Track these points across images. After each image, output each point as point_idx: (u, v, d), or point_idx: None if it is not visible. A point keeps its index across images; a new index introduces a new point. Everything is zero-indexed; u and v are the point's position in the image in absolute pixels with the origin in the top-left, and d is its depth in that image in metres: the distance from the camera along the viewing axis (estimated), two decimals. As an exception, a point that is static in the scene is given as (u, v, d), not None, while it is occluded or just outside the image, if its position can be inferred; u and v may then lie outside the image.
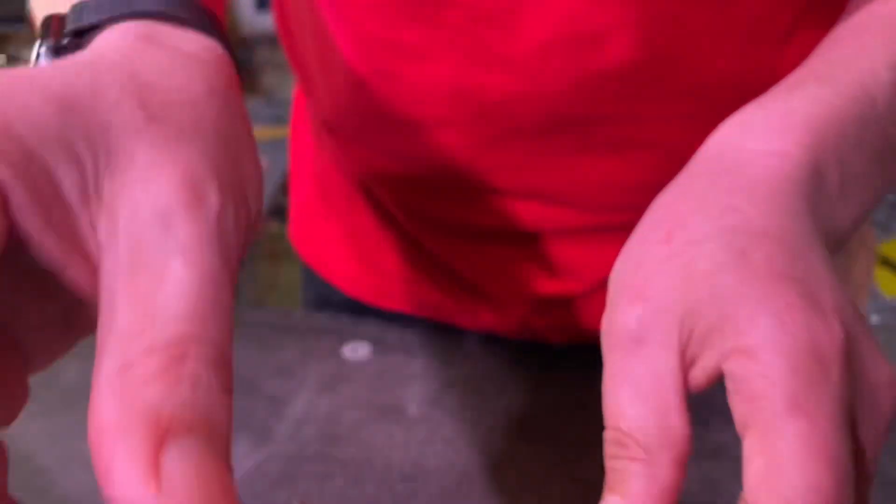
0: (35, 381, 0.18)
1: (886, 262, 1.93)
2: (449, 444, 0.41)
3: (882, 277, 1.93)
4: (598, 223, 0.43)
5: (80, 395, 0.15)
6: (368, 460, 0.40)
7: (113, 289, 0.16)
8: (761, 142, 0.25)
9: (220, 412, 0.14)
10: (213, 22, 0.23)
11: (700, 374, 0.21)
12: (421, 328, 0.50)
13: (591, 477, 0.22)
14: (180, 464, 0.13)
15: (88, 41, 0.21)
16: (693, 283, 0.21)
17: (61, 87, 0.17)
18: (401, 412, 0.43)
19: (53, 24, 0.22)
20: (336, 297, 0.54)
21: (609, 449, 0.22)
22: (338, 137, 0.47)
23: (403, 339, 0.49)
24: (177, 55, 0.20)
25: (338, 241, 0.54)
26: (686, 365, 0.22)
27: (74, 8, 0.22)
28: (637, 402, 0.22)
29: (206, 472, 0.13)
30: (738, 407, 0.20)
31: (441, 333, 0.50)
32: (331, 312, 0.53)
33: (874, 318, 1.96)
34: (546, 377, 0.47)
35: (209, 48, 0.22)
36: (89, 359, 0.16)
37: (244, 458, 0.38)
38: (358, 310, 0.53)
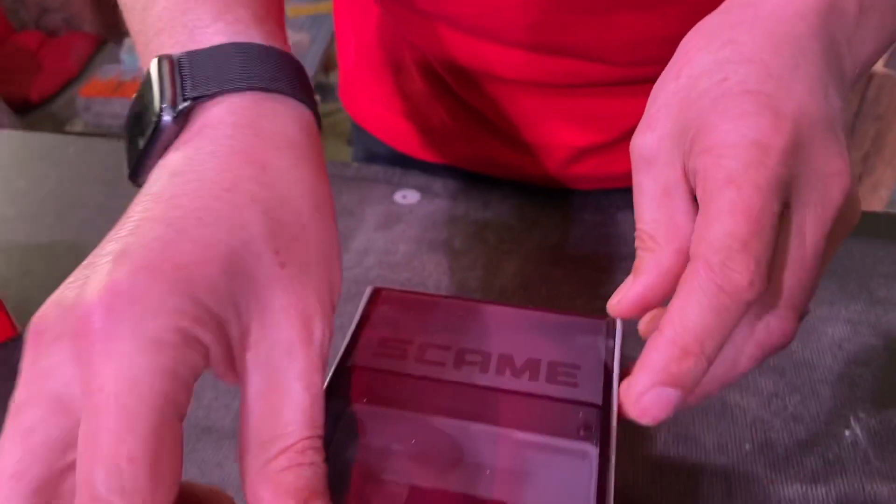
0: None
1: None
2: (487, 271, 0.48)
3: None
4: (627, 76, 0.47)
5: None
6: (422, 283, 0.47)
7: (248, 405, 0.22)
8: None
9: (324, 479, 0.22)
10: (300, 77, 0.27)
11: (693, 178, 0.27)
12: (462, 177, 0.56)
13: (611, 293, 0.28)
14: None
15: (200, 106, 0.25)
16: (686, 110, 0.26)
17: (225, 249, 0.22)
18: (447, 245, 0.50)
19: (169, 72, 0.25)
20: (383, 151, 0.60)
21: (636, 245, 0.28)
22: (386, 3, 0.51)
23: (447, 187, 0.55)
24: (282, 156, 0.25)
25: (384, 101, 0.58)
26: (687, 174, 0.26)
27: (189, 59, 0.26)
28: (651, 207, 0.26)
29: None
30: (697, 192, 0.24)
31: (480, 182, 0.56)
32: (381, 165, 0.59)
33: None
34: (573, 216, 0.53)
35: (304, 124, 0.26)
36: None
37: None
38: (403, 163, 0.58)
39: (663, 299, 0.25)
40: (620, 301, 0.26)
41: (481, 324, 0.29)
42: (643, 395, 0.22)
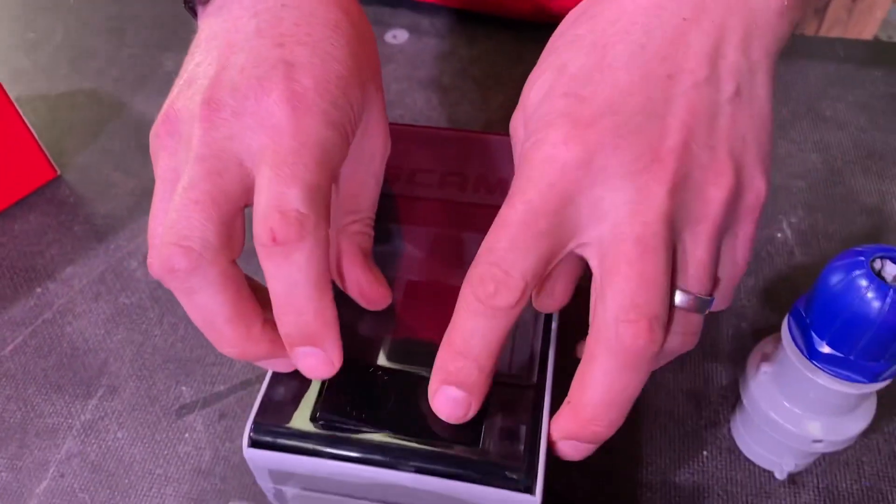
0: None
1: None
2: (474, 106, 0.53)
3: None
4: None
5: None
6: (413, 118, 0.52)
7: (344, 182, 0.30)
8: None
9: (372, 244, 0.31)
10: None
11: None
12: (449, 15, 0.59)
13: None
14: (374, 270, 0.30)
15: None
16: (529, 121, 0.26)
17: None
18: (437, 82, 0.54)
19: None
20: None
21: None
22: None
23: (435, 25, 0.59)
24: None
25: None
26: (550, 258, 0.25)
27: None
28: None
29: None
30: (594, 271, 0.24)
31: (466, 19, 0.59)
32: (370, 5, 0.62)
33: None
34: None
35: None
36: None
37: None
38: (393, 2, 0.61)
39: None
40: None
41: (462, 150, 0.34)
42: (567, 451, 0.25)
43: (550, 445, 0.25)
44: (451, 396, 0.24)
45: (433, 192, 0.33)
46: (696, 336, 0.25)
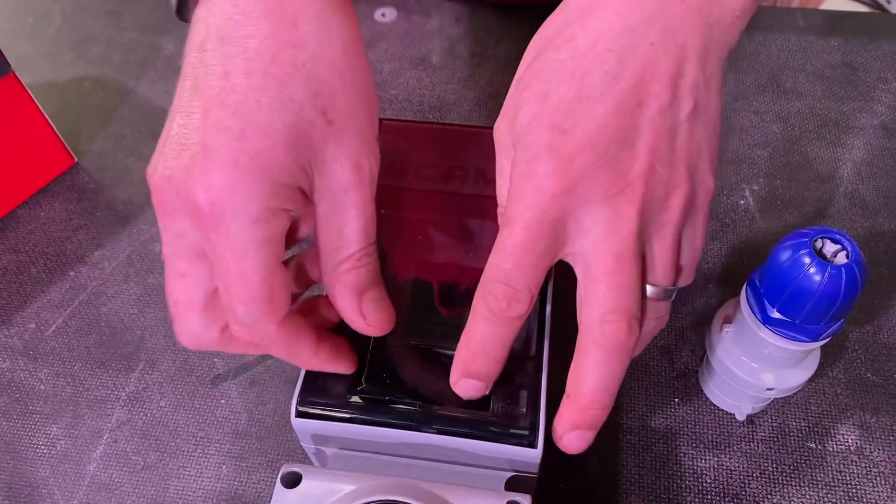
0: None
1: None
2: (462, 84, 0.56)
3: None
4: None
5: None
6: (407, 98, 0.55)
7: (320, 228, 0.29)
8: None
9: (377, 274, 0.31)
10: None
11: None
12: (434, -7, 0.62)
13: None
14: (371, 304, 0.30)
15: None
16: (514, 127, 0.28)
17: (284, 129, 0.27)
18: (426, 61, 0.58)
19: None
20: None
21: (500, 220, 0.29)
22: None
23: (421, 3, 0.61)
24: (311, 5, 0.28)
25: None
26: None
27: None
28: (507, 185, 0.29)
29: (383, 301, 0.31)
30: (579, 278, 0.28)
31: (451, -4, 0.62)
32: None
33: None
34: (536, 28, 0.59)
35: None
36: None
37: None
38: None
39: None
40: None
41: (460, 145, 0.38)
42: (569, 442, 0.28)
43: (557, 443, 0.28)
44: (470, 385, 0.28)
45: (434, 184, 0.37)
46: (666, 318, 0.30)
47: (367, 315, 0.30)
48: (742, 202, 0.49)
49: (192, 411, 0.41)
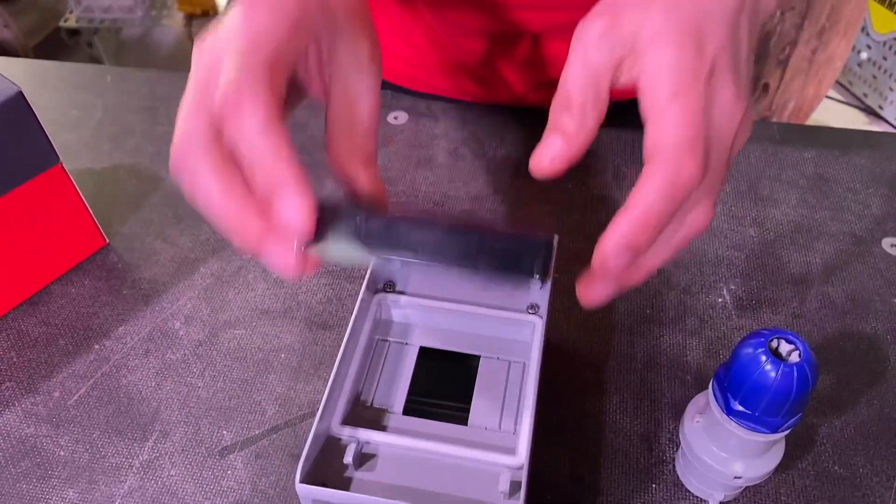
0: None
1: (882, -3, 1.94)
2: (464, 182, 0.61)
3: (875, 13, 1.97)
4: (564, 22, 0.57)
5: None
6: (414, 194, 0.60)
7: (336, 101, 0.34)
8: None
9: (376, 150, 0.34)
10: None
11: (623, 79, 0.31)
12: (443, 101, 0.68)
13: (563, 200, 0.38)
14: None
15: None
16: (626, 19, 0.31)
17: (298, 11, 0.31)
18: (432, 161, 0.63)
19: None
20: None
21: (554, 104, 0.32)
22: None
23: (430, 108, 0.67)
24: None
25: (383, 39, 0.68)
26: (616, 65, 0.31)
27: None
28: (579, 77, 0.31)
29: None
30: (643, 105, 0.30)
31: (458, 105, 0.67)
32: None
33: (864, 55, 2.05)
34: (537, 134, 0.65)
35: None
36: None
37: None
38: (395, 90, 0.69)
39: (580, 157, 0.32)
40: (553, 160, 0.32)
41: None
42: (609, 254, 0.29)
43: (596, 264, 0.29)
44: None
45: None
46: (711, 210, 0.31)
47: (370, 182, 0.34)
48: (720, 300, 0.52)
49: (199, 481, 0.44)
